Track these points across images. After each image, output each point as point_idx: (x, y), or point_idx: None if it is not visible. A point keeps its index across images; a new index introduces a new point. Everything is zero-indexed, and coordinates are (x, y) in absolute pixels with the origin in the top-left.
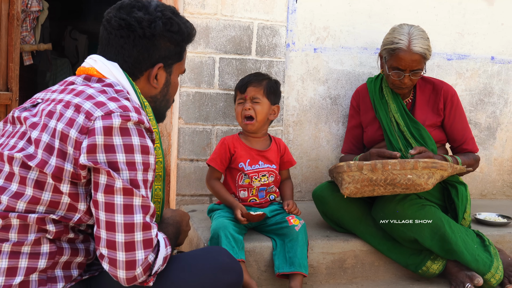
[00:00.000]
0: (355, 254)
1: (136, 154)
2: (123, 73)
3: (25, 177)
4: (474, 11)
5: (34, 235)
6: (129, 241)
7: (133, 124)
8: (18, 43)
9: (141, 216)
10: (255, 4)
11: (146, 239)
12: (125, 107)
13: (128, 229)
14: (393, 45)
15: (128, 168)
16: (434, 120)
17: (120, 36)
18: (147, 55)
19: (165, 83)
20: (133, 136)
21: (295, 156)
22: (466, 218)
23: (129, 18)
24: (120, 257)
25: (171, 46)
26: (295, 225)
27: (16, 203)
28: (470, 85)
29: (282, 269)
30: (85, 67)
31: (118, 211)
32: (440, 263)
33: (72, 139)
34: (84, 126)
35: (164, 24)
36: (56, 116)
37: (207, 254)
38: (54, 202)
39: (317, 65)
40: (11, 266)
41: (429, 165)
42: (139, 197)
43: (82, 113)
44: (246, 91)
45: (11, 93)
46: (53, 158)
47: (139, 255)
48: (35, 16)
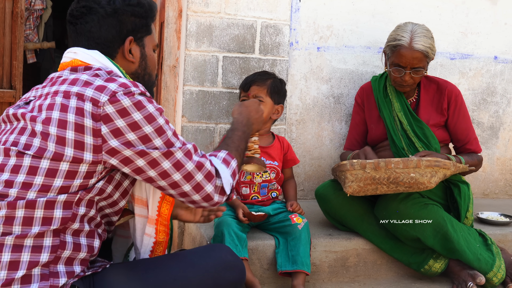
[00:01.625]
0: (357, 252)
1: (158, 119)
2: (106, 58)
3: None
4: (478, 11)
5: (38, 228)
6: (195, 184)
7: (139, 96)
8: (21, 41)
9: (189, 162)
10: (258, 2)
11: (205, 174)
12: (124, 84)
13: (188, 177)
14: (395, 42)
15: (158, 134)
16: (438, 120)
17: (85, 22)
18: (115, 32)
19: (141, 56)
20: (148, 106)
21: (298, 155)
22: (469, 217)
23: (87, 3)
24: (197, 198)
25: (136, 19)
26: (298, 223)
27: (26, 194)
28: (473, 84)
29: (285, 267)
30: (66, 62)
31: (172, 172)
32: (443, 262)
33: (89, 128)
34: (95, 113)
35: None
36: (57, 107)
37: (210, 251)
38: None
39: (320, 64)
40: (13, 259)
41: (432, 164)
42: (178, 150)
43: (87, 101)
44: (250, 90)
45: (15, 91)
46: (69, 149)
47: (208, 188)
48: (38, 14)
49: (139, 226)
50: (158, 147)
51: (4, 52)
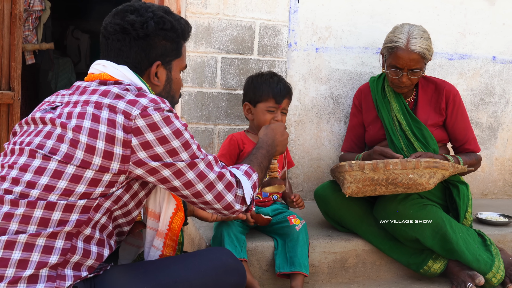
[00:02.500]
0: (356, 253)
1: (184, 134)
2: (134, 74)
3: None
4: (476, 11)
5: (53, 228)
6: (216, 195)
7: (168, 112)
8: (20, 42)
9: (211, 172)
10: (257, 3)
11: (226, 184)
12: (154, 100)
13: (210, 187)
14: (392, 44)
15: (184, 148)
16: (436, 120)
17: (117, 40)
18: (144, 55)
19: (167, 80)
20: (175, 122)
21: (297, 156)
22: (468, 218)
23: (122, 22)
24: (217, 206)
25: (167, 43)
26: (296, 225)
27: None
28: (471, 85)
29: (283, 268)
30: (95, 74)
31: (196, 182)
32: (442, 263)
33: (120, 139)
34: (126, 125)
35: (157, 24)
36: (89, 117)
37: (211, 254)
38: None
39: (319, 64)
40: (23, 258)
41: (431, 165)
42: (201, 161)
43: (119, 113)
44: (282, 103)
45: (14, 92)
46: (97, 158)
47: (229, 197)
48: (37, 15)
49: (149, 238)
50: (183, 160)
51: (3, 53)
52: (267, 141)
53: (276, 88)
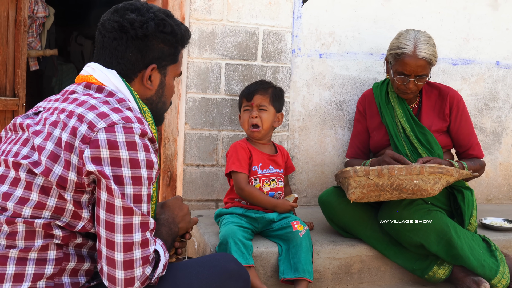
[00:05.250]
0: (361, 259)
1: (142, 169)
2: (121, 80)
3: (31, 183)
4: (479, 16)
5: (42, 241)
6: (127, 260)
7: (138, 137)
8: (25, 49)
9: (139, 234)
10: (260, 10)
11: (144, 256)
12: (128, 118)
13: (127, 248)
14: (398, 50)
15: (133, 183)
16: (440, 126)
17: (114, 38)
18: (140, 56)
19: (160, 84)
20: (139, 151)
21: (300, 161)
22: (472, 223)
23: (121, 20)
24: (119, 275)
25: (165, 47)
26: (299, 230)
27: (22, 209)
28: (475, 90)
29: (287, 274)
30: (84, 75)
31: (118, 230)
32: (447, 268)
33: (77, 148)
34: (87, 136)
35: (157, 25)
36: (60, 126)
37: (215, 261)
38: (59, 208)
39: (322, 70)
40: (18, 272)
41: (435, 171)
42: (139, 215)
43: (85, 123)
44: (253, 99)
45: (18, 99)
46: (58, 167)
47: (137, 272)
48: (41, 22)
49: None
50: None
51: (8, 60)
52: (167, 219)
53: (247, 88)
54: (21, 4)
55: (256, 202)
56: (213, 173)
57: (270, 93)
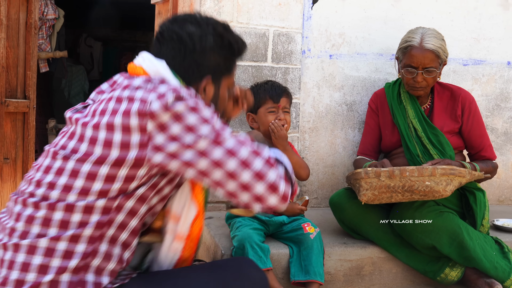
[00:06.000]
0: (372, 261)
1: (203, 110)
2: (169, 70)
3: (77, 171)
4: (490, 16)
5: (73, 231)
6: (255, 172)
7: (185, 95)
8: (35, 51)
9: (245, 149)
10: (270, 11)
11: (264, 160)
12: (174, 88)
13: (245, 165)
14: (406, 44)
15: (204, 123)
16: (452, 127)
17: (172, 48)
18: (196, 68)
19: (214, 96)
20: (191, 99)
21: (311, 163)
22: (485, 225)
23: (181, 31)
24: (260, 189)
25: (221, 60)
26: (310, 233)
27: (67, 196)
28: (486, 90)
29: (298, 277)
30: (135, 65)
31: (226, 160)
32: (459, 270)
33: (135, 127)
34: (141, 111)
35: (215, 40)
36: (108, 113)
37: (234, 265)
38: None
39: (332, 71)
40: (44, 263)
41: (447, 172)
42: (229, 138)
43: (136, 101)
44: (280, 101)
45: (29, 101)
46: (115, 151)
47: (271, 175)
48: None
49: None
50: (205, 135)
51: (18, 62)
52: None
53: (271, 89)
54: (31, 6)
55: None
56: None
57: (290, 96)
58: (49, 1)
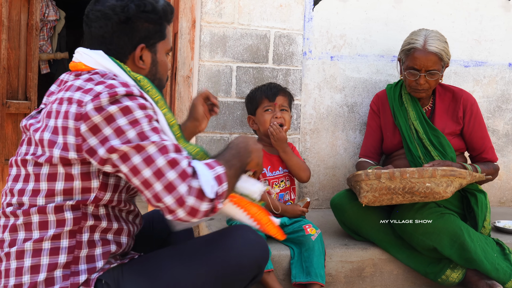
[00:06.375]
0: (373, 262)
1: (134, 112)
2: (108, 58)
3: (38, 174)
4: (491, 18)
5: (54, 230)
6: (166, 184)
7: (121, 96)
8: (36, 52)
9: (162, 158)
10: (271, 12)
11: (179, 172)
12: (111, 85)
13: (158, 175)
14: (409, 46)
15: (132, 125)
16: (454, 128)
17: (99, 27)
18: (127, 39)
19: (152, 62)
20: (125, 102)
21: (312, 164)
22: (486, 227)
23: (103, 8)
24: (168, 201)
25: (150, 25)
26: (312, 234)
27: (36, 200)
28: (487, 91)
29: (299, 278)
30: (74, 63)
31: (142, 168)
32: (460, 272)
33: (71, 128)
34: (78, 113)
35: (137, 6)
36: (53, 115)
37: (234, 231)
38: (68, 189)
39: (334, 73)
40: (34, 264)
41: (448, 173)
42: (151, 144)
43: (73, 103)
44: (276, 99)
45: (30, 102)
46: (56, 150)
47: (182, 188)
48: (52, 25)
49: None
50: (130, 140)
51: (19, 63)
52: (238, 144)
53: (267, 89)
54: (33, 8)
55: (265, 207)
56: None
57: (288, 95)
58: (50, 2)
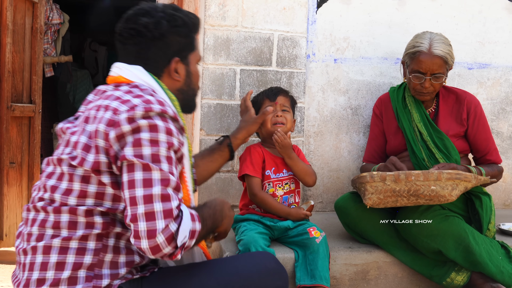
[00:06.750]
0: (378, 265)
1: (159, 133)
2: (147, 74)
3: (72, 174)
4: (495, 20)
5: (83, 231)
6: (148, 211)
7: (155, 114)
8: (41, 56)
9: (159, 188)
10: (275, 15)
11: (166, 209)
12: (148, 101)
13: (147, 200)
14: (414, 49)
15: (151, 144)
16: (458, 130)
17: (134, 44)
18: (161, 54)
19: (186, 74)
20: (157, 120)
21: (316, 167)
22: (491, 229)
23: (136, 26)
24: (142, 227)
25: (181, 39)
26: (316, 237)
27: (68, 199)
28: (491, 94)
29: (304, 281)
30: (113, 76)
31: (138, 185)
32: (465, 275)
33: (102, 132)
34: (111, 119)
35: (169, 22)
36: (90, 121)
37: (254, 258)
38: (100, 193)
39: (337, 75)
40: (60, 261)
41: (453, 176)
42: (157, 171)
43: (109, 110)
44: (277, 99)
45: (35, 105)
46: (90, 155)
47: (159, 224)
48: (56, 28)
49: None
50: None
51: (24, 67)
52: (215, 206)
53: (268, 90)
54: (37, 11)
55: (269, 209)
56: (228, 179)
57: (290, 96)
58: (54, 6)
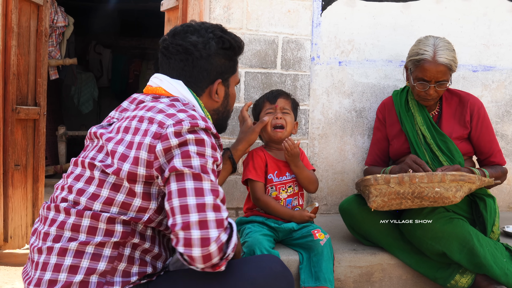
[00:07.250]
0: (382, 267)
1: (206, 147)
2: (188, 90)
3: (103, 181)
4: (499, 22)
5: (101, 238)
6: (202, 220)
7: (200, 129)
8: (46, 59)
9: (211, 197)
10: (280, 18)
11: (218, 218)
12: (193, 116)
13: (201, 208)
14: (418, 56)
15: (199, 156)
16: (461, 133)
17: (180, 60)
18: (206, 74)
19: (225, 95)
20: (203, 135)
21: (320, 169)
22: (495, 231)
23: (185, 43)
24: (195, 235)
25: (226, 61)
26: (320, 239)
27: (93, 204)
28: (496, 96)
29: (308, 283)
30: (152, 87)
31: (190, 194)
32: (469, 277)
33: (146, 144)
34: (157, 132)
35: (217, 43)
36: (131, 131)
37: (261, 262)
38: (126, 203)
39: (342, 78)
40: (74, 264)
41: (457, 178)
42: (208, 181)
43: (155, 123)
44: (277, 102)
45: (39, 108)
46: (126, 164)
47: (213, 233)
48: (60, 31)
49: None
50: (192, 166)
51: (29, 69)
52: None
53: (269, 93)
54: (42, 14)
55: (272, 213)
56: (233, 181)
57: (291, 99)
58: (59, 9)
